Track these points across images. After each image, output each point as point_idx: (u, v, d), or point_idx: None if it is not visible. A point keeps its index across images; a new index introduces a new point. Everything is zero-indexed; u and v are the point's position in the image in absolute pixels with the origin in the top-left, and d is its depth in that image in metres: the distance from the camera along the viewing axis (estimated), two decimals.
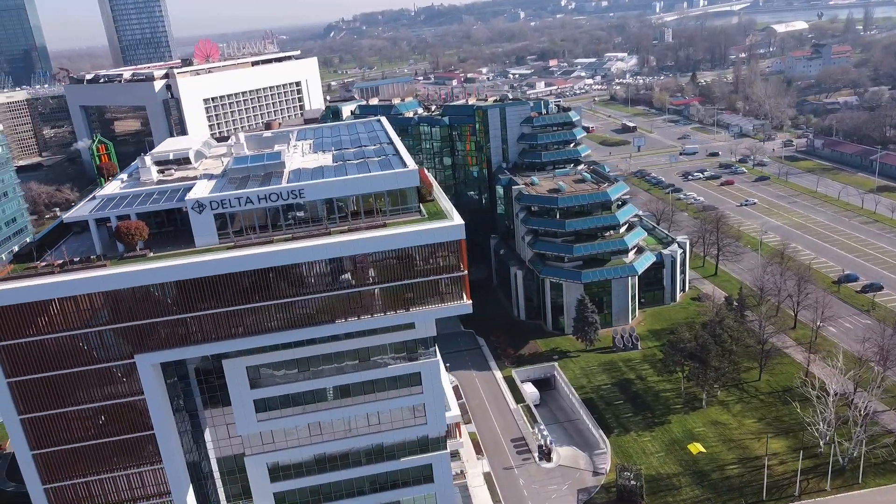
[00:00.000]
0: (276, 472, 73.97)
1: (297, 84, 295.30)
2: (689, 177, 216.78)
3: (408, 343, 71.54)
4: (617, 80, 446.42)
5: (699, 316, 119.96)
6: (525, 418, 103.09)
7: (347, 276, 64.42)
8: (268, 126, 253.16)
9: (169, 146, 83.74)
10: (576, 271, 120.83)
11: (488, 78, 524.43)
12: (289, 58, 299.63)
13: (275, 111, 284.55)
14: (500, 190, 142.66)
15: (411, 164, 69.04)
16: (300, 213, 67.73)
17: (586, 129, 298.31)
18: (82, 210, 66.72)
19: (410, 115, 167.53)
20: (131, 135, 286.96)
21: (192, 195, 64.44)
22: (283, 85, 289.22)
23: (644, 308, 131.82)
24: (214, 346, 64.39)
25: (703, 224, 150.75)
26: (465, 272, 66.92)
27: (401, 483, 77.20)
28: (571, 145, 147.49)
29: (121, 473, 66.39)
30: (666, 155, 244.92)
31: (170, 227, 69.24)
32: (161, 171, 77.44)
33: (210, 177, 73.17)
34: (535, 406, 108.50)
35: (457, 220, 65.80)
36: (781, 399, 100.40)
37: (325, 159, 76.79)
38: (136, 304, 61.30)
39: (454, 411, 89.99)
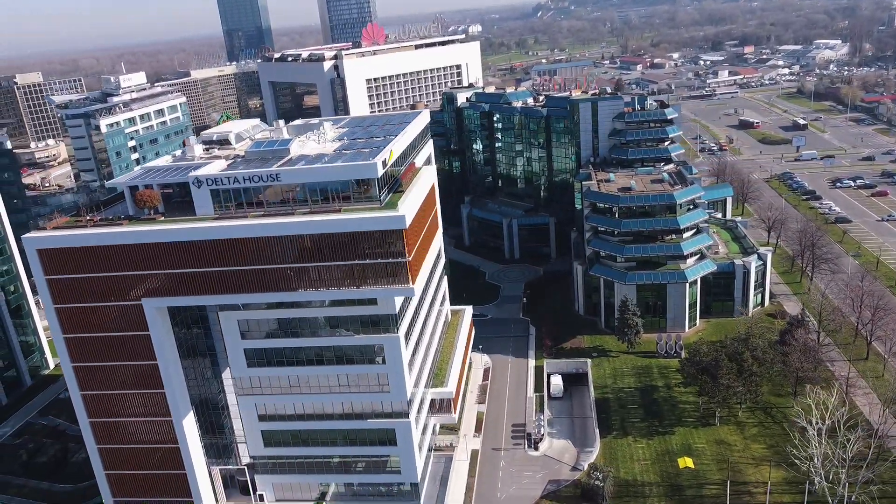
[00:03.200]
0: (263, 414, 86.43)
1: (458, 67, 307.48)
2: (838, 184, 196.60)
3: (371, 317, 79.92)
4: (818, 71, 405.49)
5: (763, 332, 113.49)
6: (535, 407, 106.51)
7: (306, 251, 74.06)
8: (412, 107, 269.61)
9: (221, 129, 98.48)
10: (623, 272, 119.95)
11: (676, 64, 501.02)
12: (452, 42, 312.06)
13: (432, 93, 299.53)
14: (577, 185, 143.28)
15: (379, 158, 76.17)
16: (291, 194, 78.15)
17: (751, 125, 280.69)
18: (120, 179, 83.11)
19: (518, 104, 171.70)
20: (315, 109, 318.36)
21: (194, 173, 77.69)
22: (443, 68, 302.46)
23: (709, 318, 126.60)
24: (201, 298, 77.73)
25: (801, 237, 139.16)
26: (409, 258, 73.49)
27: (368, 442, 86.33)
28: (666, 143, 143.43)
29: (134, 392, 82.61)
30: (825, 158, 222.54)
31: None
32: (206, 150, 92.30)
33: (233, 157, 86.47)
34: (558, 398, 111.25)
35: (401, 211, 72.61)
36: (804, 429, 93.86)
37: (332, 148, 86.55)
38: (142, 257, 75.94)
39: (450, 388, 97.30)
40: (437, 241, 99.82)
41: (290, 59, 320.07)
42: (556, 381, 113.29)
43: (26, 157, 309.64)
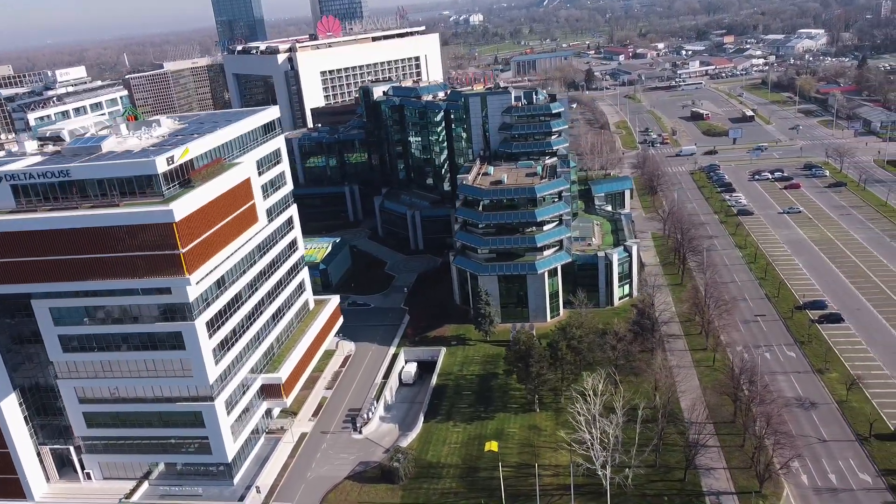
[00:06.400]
0: (83, 397, 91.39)
1: (417, 59, 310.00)
2: (757, 176, 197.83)
3: (168, 306, 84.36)
4: (792, 61, 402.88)
5: (582, 323, 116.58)
6: (375, 393, 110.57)
7: (90, 243, 78.60)
8: (356, 100, 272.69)
9: (56, 126, 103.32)
10: (481, 263, 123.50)
11: (657, 54, 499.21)
12: (410, 34, 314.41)
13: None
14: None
15: (164, 155, 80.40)
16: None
17: (701, 117, 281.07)
18: None
19: (428, 98, 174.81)
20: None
21: None
22: (401, 60, 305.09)
23: (574, 308, 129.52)
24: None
25: (676, 228, 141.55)
26: (184, 250, 77.73)
27: (180, 424, 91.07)
28: (553, 137, 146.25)
29: None
30: (750, 151, 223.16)
31: None
32: (40, 146, 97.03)
33: (50, 153, 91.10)
34: (409, 384, 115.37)
35: (170, 206, 76.78)
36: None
37: (148, 144, 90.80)
38: None
39: (280, 374, 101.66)
40: (294, 235, 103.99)
41: (252, 51, 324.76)
42: (410, 368, 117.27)
43: None
